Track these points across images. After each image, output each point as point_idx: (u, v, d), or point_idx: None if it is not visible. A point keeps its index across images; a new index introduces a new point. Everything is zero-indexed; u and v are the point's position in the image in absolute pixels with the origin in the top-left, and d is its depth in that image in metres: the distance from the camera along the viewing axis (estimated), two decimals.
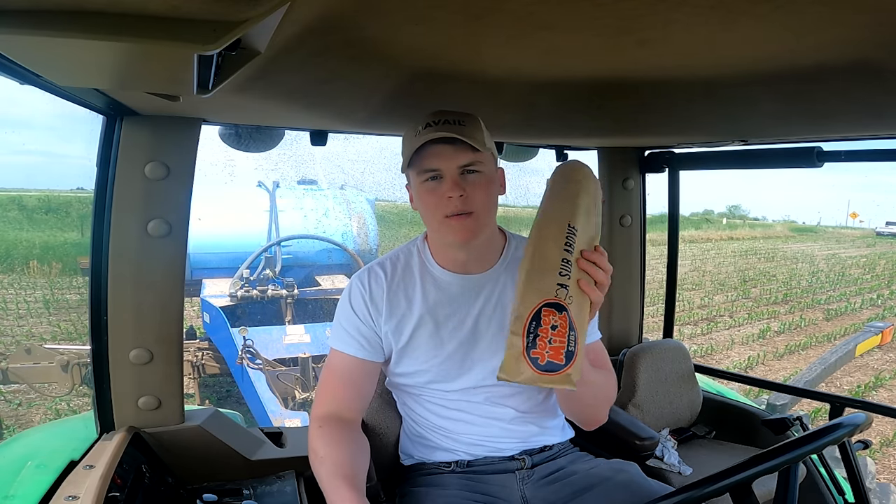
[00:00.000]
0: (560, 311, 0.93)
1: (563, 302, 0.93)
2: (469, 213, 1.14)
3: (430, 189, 1.15)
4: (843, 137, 1.63)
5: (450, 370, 1.24)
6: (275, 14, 0.53)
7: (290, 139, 1.67)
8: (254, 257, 7.06)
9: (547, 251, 0.98)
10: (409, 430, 1.37)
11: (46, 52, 0.60)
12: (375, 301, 1.26)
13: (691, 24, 0.63)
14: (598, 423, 1.26)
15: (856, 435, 1.13)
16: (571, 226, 0.99)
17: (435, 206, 1.15)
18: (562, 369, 0.91)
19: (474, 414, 1.27)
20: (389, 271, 1.29)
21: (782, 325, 10.77)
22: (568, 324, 0.93)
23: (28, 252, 14.92)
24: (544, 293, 0.94)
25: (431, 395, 1.28)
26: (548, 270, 0.96)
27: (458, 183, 1.12)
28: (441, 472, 1.29)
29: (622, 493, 1.18)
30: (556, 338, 0.92)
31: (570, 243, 0.98)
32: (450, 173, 1.13)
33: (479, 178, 1.15)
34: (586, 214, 1.02)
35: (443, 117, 1.12)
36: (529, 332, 0.92)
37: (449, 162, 1.12)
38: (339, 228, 8.31)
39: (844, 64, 0.78)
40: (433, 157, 1.12)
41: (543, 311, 0.93)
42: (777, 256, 24.69)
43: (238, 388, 5.69)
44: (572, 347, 0.91)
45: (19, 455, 1.35)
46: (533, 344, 0.91)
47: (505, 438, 1.28)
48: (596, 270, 0.99)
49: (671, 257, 2.44)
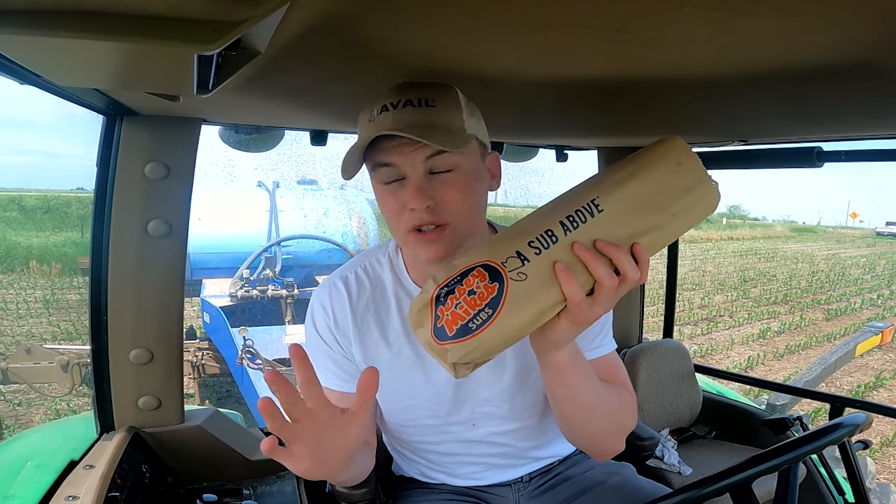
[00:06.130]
0: (493, 280, 0.71)
1: (503, 271, 0.71)
2: (443, 226, 0.87)
3: (391, 192, 0.88)
4: (843, 137, 1.63)
5: (439, 406, 1.05)
6: (275, 14, 0.52)
7: (290, 139, 1.67)
8: (254, 257, 7.06)
9: (541, 216, 0.76)
10: (395, 452, 1.27)
11: (46, 52, 0.60)
12: (341, 326, 1.04)
13: (691, 24, 0.63)
14: (612, 453, 1.00)
15: (856, 435, 1.13)
16: (595, 202, 0.75)
17: (397, 215, 0.88)
18: (445, 341, 0.71)
19: (470, 453, 1.13)
20: (355, 289, 1.04)
21: (782, 325, 10.76)
22: (490, 299, 0.70)
23: (28, 252, 14.91)
24: (493, 254, 0.72)
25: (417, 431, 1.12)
26: (520, 234, 0.74)
27: (424, 188, 0.85)
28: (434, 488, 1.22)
29: (616, 496, 1.15)
30: (465, 305, 0.71)
31: (577, 219, 0.73)
32: (413, 173, 0.85)
33: (456, 176, 0.86)
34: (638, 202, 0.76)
35: (404, 96, 0.84)
36: (448, 285, 0.72)
37: (410, 157, 0.84)
38: (339, 228, 8.31)
39: (844, 64, 0.78)
40: (390, 149, 0.84)
41: (475, 272, 0.71)
42: (777, 256, 24.68)
43: (238, 388, 5.69)
44: (474, 325, 0.70)
45: (19, 455, 1.35)
46: (443, 300, 0.72)
47: (505, 470, 1.17)
48: (599, 265, 0.71)
49: (671, 257, 2.44)
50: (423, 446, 1.17)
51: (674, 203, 0.78)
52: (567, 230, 0.73)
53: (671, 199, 0.78)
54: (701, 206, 0.80)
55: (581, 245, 0.72)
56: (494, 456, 1.15)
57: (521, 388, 1.06)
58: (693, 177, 0.79)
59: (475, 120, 0.90)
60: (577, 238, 0.73)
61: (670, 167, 0.79)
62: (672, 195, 0.78)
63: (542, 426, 1.12)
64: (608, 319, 1.08)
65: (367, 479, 1.27)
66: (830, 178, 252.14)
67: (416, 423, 1.11)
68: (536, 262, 0.72)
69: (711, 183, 0.81)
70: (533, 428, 1.12)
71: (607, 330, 1.07)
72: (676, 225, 0.79)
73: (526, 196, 20.06)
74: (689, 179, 0.79)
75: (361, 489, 1.29)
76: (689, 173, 0.79)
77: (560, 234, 0.73)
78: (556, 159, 2.12)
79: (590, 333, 1.04)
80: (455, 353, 0.71)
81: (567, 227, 0.73)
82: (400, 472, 1.31)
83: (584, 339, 1.03)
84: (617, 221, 0.75)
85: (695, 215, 0.81)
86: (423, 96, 0.85)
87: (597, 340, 1.04)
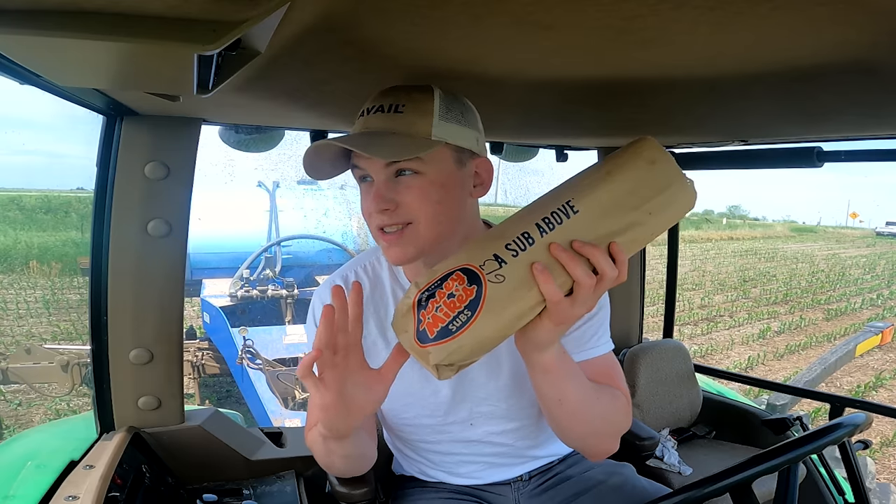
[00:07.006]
0: (471, 283, 0.72)
1: (481, 274, 0.72)
2: (405, 225, 0.89)
3: (364, 191, 0.93)
4: (842, 137, 1.63)
5: (437, 406, 1.07)
6: (275, 14, 0.52)
7: (290, 139, 1.66)
8: (254, 257, 7.06)
9: (518, 220, 0.77)
10: (396, 450, 1.29)
11: (46, 52, 0.60)
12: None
13: (691, 24, 0.63)
14: (606, 454, 1.02)
15: (856, 435, 1.13)
16: (570, 203, 0.76)
17: (368, 216, 0.92)
18: (427, 343, 0.73)
19: (468, 452, 1.14)
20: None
21: (782, 326, 10.77)
22: (469, 301, 0.72)
23: (28, 252, 14.92)
24: (471, 257, 0.74)
25: (416, 430, 1.14)
26: (497, 237, 0.76)
27: (383, 193, 0.88)
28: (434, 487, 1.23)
29: (616, 496, 1.15)
30: (445, 308, 0.72)
31: (553, 221, 0.75)
32: (377, 176, 0.89)
33: (417, 181, 0.88)
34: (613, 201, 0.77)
35: (380, 102, 0.88)
36: (429, 289, 0.75)
37: (371, 162, 0.88)
38: (339, 228, 8.31)
39: (844, 64, 0.78)
40: (358, 154, 0.89)
41: (454, 276, 0.73)
42: (777, 256, 24.69)
43: (238, 388, 5.69)
44: (454, 327, 0.71)
45: (19, 455, 1.35)
46: (425, 304, 0.74)
47: (504, 468, 1.18)
48: (576, 265, 0.72)
49: (671, 257, 2.44)
50: (422, 445, 1.18)
51: (649, 201, 0.79)
52: (543, 232, 0.74)
53: (646, 197, 0.79)
54: (677, 205, 0.82)
55: (558, 246, 0.73)
56: (493, 455, 1.16)
57: (517, 388, 1.07)
58: (667, 175, 0.81)
59: (452, 126, 0.90)
60: (554, 239, 0.74)
61: (643, 165, 0.80)
62: (646, 194, 0.79)
63: (539, 426, 1.13)
64: (605, 320, 1.08)
65: (367, 479, 1.28)
66: (830, 178, 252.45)
67: (415, 422, 1.12)
68: (514, 264, 0.73)
69: (686, 181, 0.82)
70: (530, 427, 1.13)
71: (604, 330, 1.07)
72: (653, 223, 0.80)
73: (526, 196, 20.07)
74: (663, 178, 0.80)
75: (361, 488, 1.29)
76: (663, 172, 0.80)
77: (536, 235, 0.74)
78: (556, 159, 2.12)
79: (586, 334, 1.04)
80: (436, 354, 0.73)
81: (543, 228, 0.75)
82: (400, 470, 1.32)
83: (581, 339, 1.04)
84: (593, 222, 0.76)
85: (671, 214, 0.82)
86: (396, 101, 0.87)
87: (592, 341, 1.05)
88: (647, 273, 2.47)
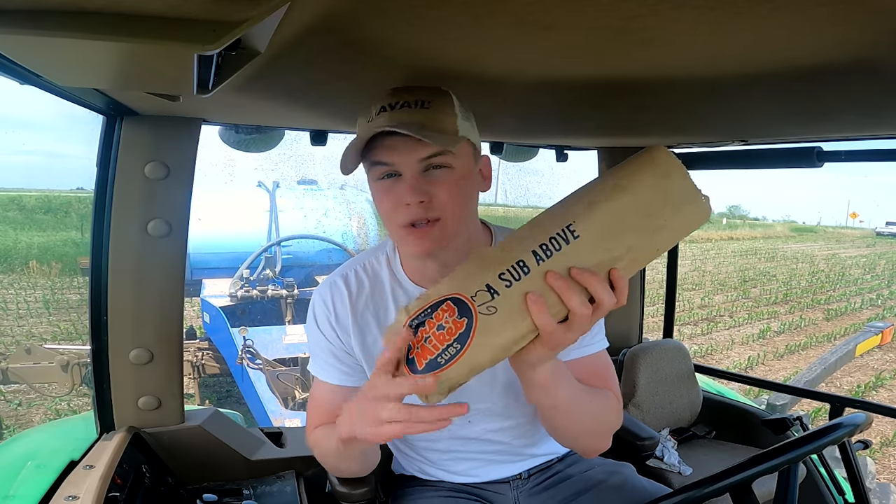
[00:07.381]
0: (461, 315, 0.70)
1: (473, 306, 0.70)
2: (434, 221, 0.90)
3: (386, 189, 0.91)
4: (843, 137, 1.63)
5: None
6: (275, 14, 0.52)
7: (290, 139, 1.67)
8: (254, 257, 7.05)
9: (515, 243, 0.74)
10: (396, 449, 1.30)
11: (46, 52, 0.60)
12: (341, 322, 1.07)
13: (691, 24, 0.63)
14: (598, 452, 1.04)
15: (856, 435, 1.13)
16: (570, 228, 0.72)
17: (392, 211, 0.91)
18: (416, 374, 0.71)
19: (466, 450, 1.15)
20: (354, 286, 1.08)
21: (782, 325, 10.77)
22: (458, 334, 0.70)
23: (28, 252, 14.92)
24: (463, 287, 0.71)
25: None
26: (492, 264, 0.72)
27: (417, 185, 0.88)
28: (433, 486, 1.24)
29: (616, 496, 1.16)
30: (434, 340, 0.71)
31: (551, 248, 0.71)
32: (408, 171, 0.88)
33: (448, 175, 0.89)
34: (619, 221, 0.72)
35: (402, 98, 0.88)
36: (419, 317, 0.72)
37: (406, 156, 0.87)
38: (339, 228, 8.30)
39: (844, 64, 0.78)
40: (387, 149, 0.88)
41: (444, 305, 0.71)
42: (777, 256, 24.70)
43: (238, 388, 5.69)
44: (442, 360, 0.70)
45: (19, 455, 1.35)
46: (414, 332, 0.73)
47: (502, 466, 1.19)
48: (572, 295, 0.70)
49: (671, 257, 2.44)
50: (421, 443, 1.19)
51: (658, 220, 0.73)
52: (540, 260, 0.71)
53: (655, 216, 0.73)
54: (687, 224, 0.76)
55: (554, 274, 0.70)
56: (491, 453, 1.17)
57: (514, 387, 1.07)
58: (682, 191, 0.75)
59: (469, 124, 0.93)
60: (551, 267, 0.71)
61: (656, 181, 0.74)
62: (657, 212, 0.73)
63: (535, 424, 1.13)
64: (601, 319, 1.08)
65: (367, 478, 1.28)
66: (830, 178, 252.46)
67: None
68: (507, 295, 0.70)
69: (701, 198, 0.76)
70: (527, 426, 1.14)
71: (599, 328, 1.07)
72: (659, 243, 0.75)
73: (526, 196, 20.07)
74: (677, 194, 0.75)
75: (361, 488, 1.29)
76: (678, 188, 0.75)
77: (532, 264, 0.71)
78: (556, 159, 2.12)
79: None
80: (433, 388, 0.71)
81: (540, 256, 0.71)
82: (400, 469, 1.32)
83: None
84: (594, 246, 0.72)
85: (680, 233, 0.77)
86: (419, 98, 0.88)
87: (587, 338, 1.05)
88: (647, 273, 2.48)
